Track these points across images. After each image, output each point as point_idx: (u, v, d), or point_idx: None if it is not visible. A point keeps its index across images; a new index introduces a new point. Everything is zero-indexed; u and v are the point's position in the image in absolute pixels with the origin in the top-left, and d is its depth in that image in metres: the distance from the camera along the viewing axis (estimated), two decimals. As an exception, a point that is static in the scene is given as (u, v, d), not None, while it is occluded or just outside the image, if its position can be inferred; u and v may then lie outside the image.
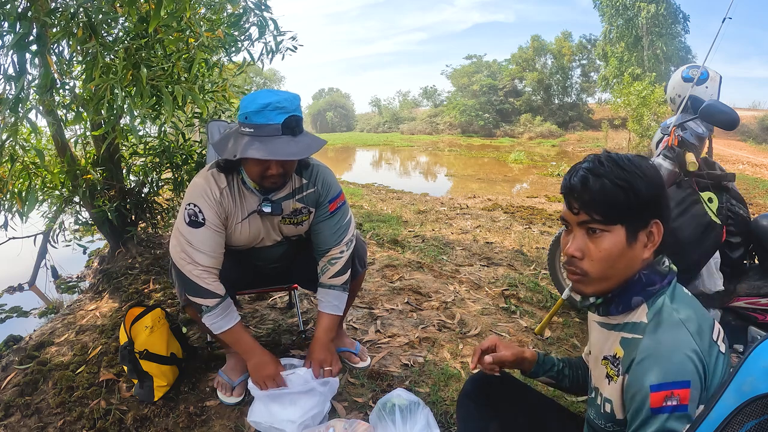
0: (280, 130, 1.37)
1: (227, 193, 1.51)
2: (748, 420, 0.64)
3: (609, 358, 0.89)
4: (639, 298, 0.86)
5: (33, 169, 2.56)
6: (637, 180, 0.84)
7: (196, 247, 1.47)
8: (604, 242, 0.86)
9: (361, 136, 34.39)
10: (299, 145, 1.39)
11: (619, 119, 21.35)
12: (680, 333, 0.79)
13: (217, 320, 1.51)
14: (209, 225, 1.48)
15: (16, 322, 2.91)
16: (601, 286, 0.89)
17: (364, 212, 5.36)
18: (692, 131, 1.77)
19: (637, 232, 0.86)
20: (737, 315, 1.73)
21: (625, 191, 0.84)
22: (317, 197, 1.64)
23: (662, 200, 0.87)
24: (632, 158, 0.87)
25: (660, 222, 0.86)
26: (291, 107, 1.38)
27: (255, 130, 1.37)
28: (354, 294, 1.90)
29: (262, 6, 2.85)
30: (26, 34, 1.73)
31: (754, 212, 1.98)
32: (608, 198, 0.85)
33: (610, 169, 0.86)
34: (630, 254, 0.86)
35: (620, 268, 0.87)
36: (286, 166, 1.45)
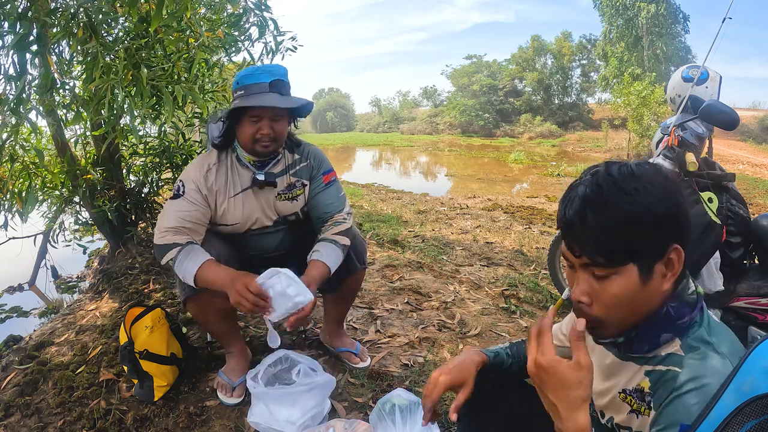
0: (267, 88, 1.48)
1: (216, 169, 1.58)
2: (748, 420, 0.64)
3: (631, 392, 0.80)
4: (668, 335, 0.76)
5: (33, 169, 2.56)
6: (649, 205, 0.70)
7: (165, 214, 1.53)
8: (613, 286, 0.73)
9: (361, 136, 34.40)
10: (285, 100, 1.51)
11: (619, 119, 21.34)
12: (724, 368, 0.70)
13: (184, 265, 1.45)
14: (186, 196, 1.54)
15: (16, 322, 2.91)
16: (620, 329, 0.78)
17: (364, 212, 5.36)
18: (692, 131, 1.77)
19: (652, 265, 0.73)
20: (737, 315, 1.73)
21: (633, 224, 0.70)
22: (310, 170, 1.71)
23: (681, 218, 0.73)
24: (639, 172, 0.72)
25: (680, 245, 0.72)
26: (278, 72, 1.51)
27: (245, 91, 1.50)
28: (354, 294, 1.90)
29: (262, 6, 2.85)
30: (26, 34, 1.73)
31: (754, 212, 1.98)
32: (612, 236, 0.71)
33: (611, 196, 0.71)
34: (647, 291, 0.74)
35: (639, 308, 0.76)
36: (276, 128, 1.53)
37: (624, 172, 0.73)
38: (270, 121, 1.52)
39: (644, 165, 0.74)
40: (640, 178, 0.72)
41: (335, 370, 1.86)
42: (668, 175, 0.76)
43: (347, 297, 1.88)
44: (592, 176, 0.75)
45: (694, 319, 0.76)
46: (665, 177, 0.74)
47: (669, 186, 0.73)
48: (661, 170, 0.75)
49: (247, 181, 1.61)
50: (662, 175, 0.74)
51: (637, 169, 0.73)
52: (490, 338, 2.21)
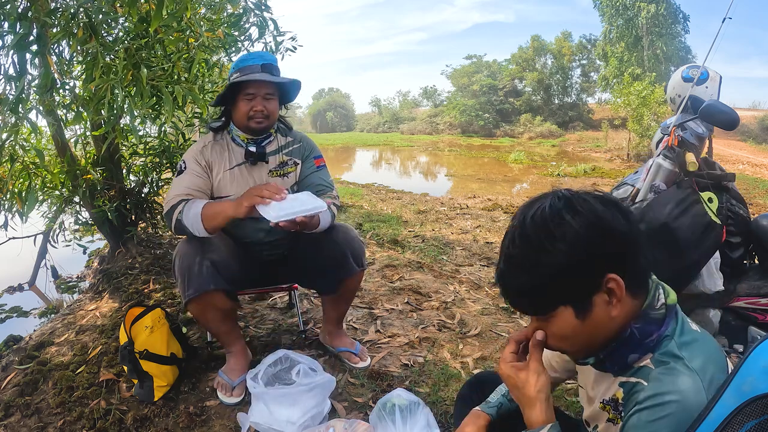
0: (260, 69, 1.66)
1: (211, 146, 1.75)
2: (748, 420, 0.64)
3: (609, 402, 0.82)
4: (636, 355, 0.76)
5: (33, 169, 2.56)
6: (560, 257, 0.71)
7: (172, 188, 1.69)
8: (553, 327, 0.77)
9: (361, 136, 34.39)
10: (276, 77, 1.68)
11: (619, 119, 21.32)
12: (690, 384, 0.70)
13: (190, 214, 1.58)
14: (188, 170, 1.70)
15: (16, 322, 2.91)
16: (585, 353, 0.80)
17: (364, 212, 5.36)
18: (692, 131, 1.76)
19: (588, 299, 0.73)
20: (737, 315, 1.72)
21: (547, 280, 0.72)
22: (303, 151, 1.85)
23: (610, 251, 0.72)
24: (555, 221, 0.72)
25: (616, 275, 0.72)
26: (269, 57, 1.72)
27: (240, 73, 1.67)
28: (352, 294, 1.91)
29: (262, 6, 2.85)
30: (26, 34, 1.73)
31: (754, 212, 1.98)
32: (529, 296, 0.76)
33: (521, 252, 0.74)
34: (594, 322, 0.75)
35: (593, 336, 0.77)
36: (268, 107, 1.69)
37: (537, 224, 0.73)
38: (263, 99, 1.68)
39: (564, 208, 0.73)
40: (553, 227, 0.72)
41: (335, 370, 1.86)
42: (596, 211, 0.73)
43: (346, 298, 1.88)
44: (517, 221, 0.76)
45: (664, 334, 0.76)
46: (588, 215, 0.72)
47: (592, 224, 0.72)
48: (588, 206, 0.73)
49: (240, 157, 1.75)
50: (584, 214, 0.72)
51: (552, 216, 0.72)
52: (490, 338, 2.21)
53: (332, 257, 1.73)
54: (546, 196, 0.77)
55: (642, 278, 0.77)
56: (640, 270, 0.76)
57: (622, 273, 0.73)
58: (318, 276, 1.80)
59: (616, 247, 0.73)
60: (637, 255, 0.75)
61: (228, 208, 1.55)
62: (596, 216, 0.72)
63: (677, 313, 0.78)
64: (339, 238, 1.74)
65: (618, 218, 0.73)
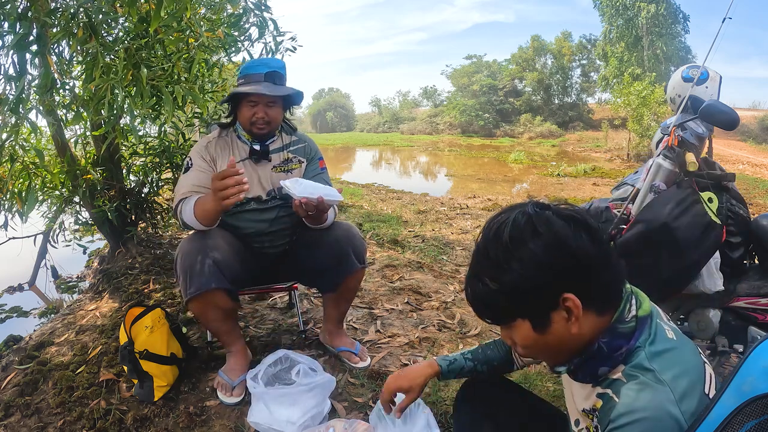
0: (263, 78, 1.70)
1: (216, 142, 1.78)
2: (748, 420, 0.64)
3: (588, 411, 0.83)
4: (605, 368, 0.77)
5: (33, 169, 2.56)
6: (512, 273, 0.73)
7: (179, 186, 1.71)
8: (515, 335, 0.80)
9: (361, 136, 34.39)
10: (278, 89, 1.72)
11: (619, 119, 21.32)
12: (661, 398, 0.70)
13: (186, 212, 1.62)
14: (195, 167, 1.72)
15: (16, 322, 2.91)
16: (553, 361, 0.83)
17: (364, 212, 5.36)
18: (692, 131, 1.76)
19: (546, 315, 0.75)
20: (737, 315, 1.72)
21: (501, 293, 0.75)
22: (308, 151, 1.89)
23: (567, 270, 0.73)
24: (515, 240, 0.73)
25: (573, 295, 0.73)
26: (275, 65, 1.74)
27: (244, 80, 1.73)
28: (353, 292, 1.91)
29: (262, 6, 2.85)
30: (26, 34, 1.73)
31: (754, 212, 1.98)
32: (486, 306, 0.79)
33: (479, 266, 0.77)
34: (555, 336, 0.76)
35: (558, 348, 0.79)
36: (270, 113, 1.73)
37: (497, 240, 0.75)
38: (265, 106, 1.72)
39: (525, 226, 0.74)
40: (512, 246, 0.73)
41: (335, 370, 1.86)
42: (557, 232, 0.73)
43: (347, 297, 1.88)
44: (477, 240, 0.80)
45: (634, 347, 0.75)
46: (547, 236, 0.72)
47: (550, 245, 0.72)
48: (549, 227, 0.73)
49: (244, 153, 1.79)
50: (543, 235, 0.73)
51: (512, 234, 0.74)
52: (489, 338, 2.20)
53: (334, 254, 1.74)
54: (513, 209, 0.78)
55: (608, 296, 0.77)
56: (604, 289, 0.76)
57: (582, 292, 0.73)
58: (319, 273, 1.80)
59: (575, 268, 0.73)
60: (600, 274, 0.75)
61: (209, 198, 1.52)
62: (556, 237, 0.73)
63: (650, 323, 0.78)
64: (341, 236, 1.76)
65: (581, 239, 0.73)
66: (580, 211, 0.78)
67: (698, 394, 0.72)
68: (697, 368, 0.76)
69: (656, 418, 0.68)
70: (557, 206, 0.78)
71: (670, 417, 0.68)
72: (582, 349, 0.78)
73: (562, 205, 0.79)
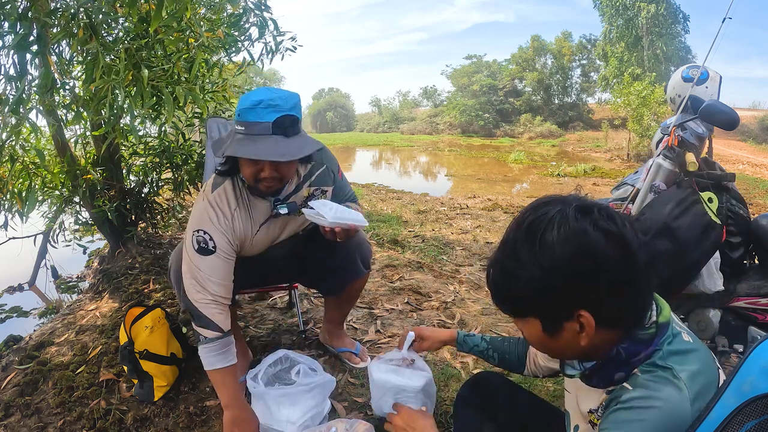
0: (270, 129, 1.28)
1: (238, 214, 1.45)
2: (748, 420, 0.64)
3: (594, 410, 0.82)
4: (621, 373, 0.75)
5: (33, 169, 2.56)
6: (533, 274, 0.71)
7: (206, 275, 1.39)
8: (525, 330, 0.80)
9: (361, 136, 34.38)
10: (289, 147, 1.29)
11: (619, 119, 21.32)
12: (676, 394, 0.69)
13: (212, 355, 1.39)
14: (219, 252, 1.41)
15: (16, 322, 2.91)
16: (558, 358, 0.85)
17: (364, 212, 5.35)
18: (692, 131, 1.77)
19: (558, 323, 0.74)
20: (737, 315, 1.72)
21: (510, 283, 0.75)
22: (330, 175, 1.60)
23: (588, 287, 0.71)
24: (544, 243, 0.70)
25: (587, 312, 0.71)
26: (285, 106, 1.29)
27: (246, 129, 1.30)
28: (356, 295, 1.90)
29: (262, 6, 2.85)
30: (27, 34, 1.73)
31: (754, 212, 1.98)
32: (501, 291, 0.78)
33: (504, 256, 0.75)
34: (563, 342, 0.76)
35: (561, 351, 0.79)
36: (281, 170, 1.36)
37: (528, 237, 0.72)
38: (273, 163, 1.33)
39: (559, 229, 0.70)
40: (539, 247, 0.71)
41: (335, 370, 1.86)
42: (589, 245, 0.69)
43: (350, 299, 1.88)
44: (510, 225, 0.78)
45: (651, 352, 0.74)
46: (577, 247, 0.69)
47: (578, 257, 0.69)
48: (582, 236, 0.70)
49: (264, 213, 1.51)
50: (574, 245, 0.69)
51: (544, 237, 0.71)
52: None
53: (341, 260, 1.70)
54: (555, 204, 0.74)
55: (627, 317, 0.74)
56: (625, 310, 0.73)
57: (599, 312, 0.71)
58: (324, 277, 1.77)
59: (597, 287, 0.70)
60: (623, 296, 0.72)
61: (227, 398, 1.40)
62: (586, 253, 0.69)
63: (669, 329, 0.76)
64: (348, 241, 1.65)
65: (612, 259, 0.69)
66: (625, 224, 0.72)
67: (710, 397, 0.71)
68: (712, 373, 0.75)
69: (668, 410, 0.68)
70: (601, 212, 0.72)
71: (681, 414, 0.68)
72: (595, 354, 0.78)
73: (608, 210, 0.73)
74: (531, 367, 1.21)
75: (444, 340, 1.29)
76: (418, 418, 1.09)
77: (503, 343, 1.24)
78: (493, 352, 1.24)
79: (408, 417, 1.10)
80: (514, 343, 1.24)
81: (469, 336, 1.28)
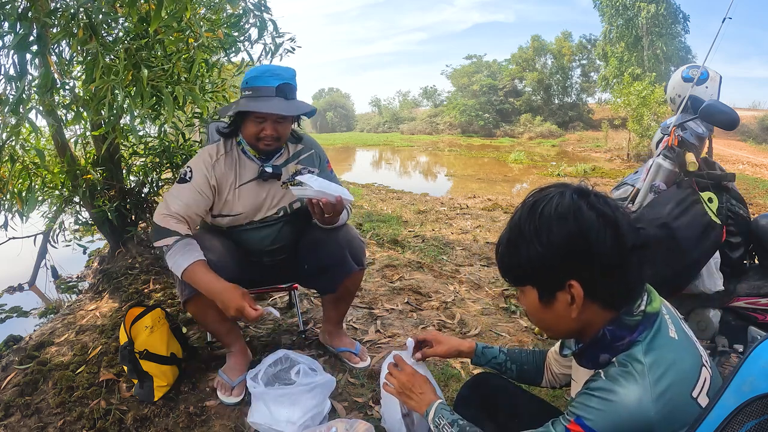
0: (274, 92, 1.53)
1: (223, 159, 1.63)
2: (748, 420, 0.64)
3: None
4: (606, 355, 0.80)
5: (33, 169, 2.56)
6: (532, 249, 0.79)
7: (173, 196, 1.57)
8: (522, 299, 0.87)
9: (361, 136, 34.39)
10: (290, 106, 1.56)
11: (619, 119, 21.31)
12: (637, 395, 0.73)
13: (177, 258, 1.48)
14: (193, 183, 1.58)
15: (16, 322, 2.91)
16: (553, 334, 0.89)
17: (364, 212, 5.36)
18: (692, 131, 1.77)
19: (552, 292, 0.81)
20: (737, 315, 1.72)
21: (513, 254, 0.82)
22: (317, 159, 1.80)
23: (577, 261, 0.77)
24: (543, 218, 0.78)
25: (578, 283, 0.77)
26: (286, 75, 1.56)
27: (252, 92, 1.55)
28: (352, 293, 1.90)
29: (262, 7, 2.85)
30: (27, 34, 1.73)
31: (754, 212, 1.98)
32: (505, 266, 0.86)
33: (509, 231, 0.84)
34: (553, 313, 0.82)
35: (554, 323, 0.84)
36: (279, 129, 1.59)
37: (532, 217, 0.80)
38: (273, 122, 1.57)
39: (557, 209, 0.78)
40: (539, 225, 0.78)
41: (335, 370, 1.86)
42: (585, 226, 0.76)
43: (346, 298, 1.88)
44: (512, 214, 0.85)
45: (635, 339, 0.78)
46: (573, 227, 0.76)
47: (574, 236, 0.76)
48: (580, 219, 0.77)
49: (252, 172, 1.66)
50: (570, 225, 0.76)
51: (544, 214, 0.78)
52: (489, 338, 2.21)
53: (331, 256, 1.72)
54: (558, 187, 0.82)
55: (617, 295, 0.80)
56: (614, 288, 0.79)
57: (589, 284, 0.78)
58: (317, 275, 1.79)
59: (588, 261, 0.77)
60: (613, 274, 0.77)
61: (208, 290, 1.47)
62: (580, 229, 0.76)
63: (656, 321, 0.80)
64: (339, 237, 1.72)
65: (603, 237, 0.76)
66: (618, 209, 0.80)
67: (682, 398, 0.74)
68: (689, 371, 0.77)
69: (626, 407, 0.72)
70: (598, 197, 0.80)
71: (641, 412, 0.72)
72: (585, 334, 0.83)
73: (605, 196, 0.81)
74: (548, 377, 1.20)
75: (462, 350, 1.25)
76: (423, 382, 1.12)
77: (521, 354, 1.23)
78: (511, 364, 1.22)
79: (413, 377, 1.13)
80: (531, 354, 1.23)
81: (488, 348, 1.25)
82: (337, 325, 1.95)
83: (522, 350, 1.24)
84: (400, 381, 1.14)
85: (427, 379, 1.15)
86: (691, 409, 0.74)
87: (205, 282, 1.48)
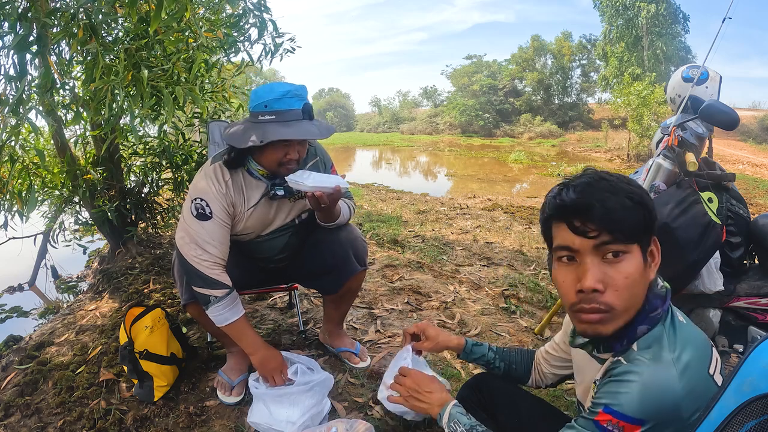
0: (300, 115, 1.46)
1: (231, 184, 1.55)
2: (748, 420, 0.64)
3: (597, 380, 0.86)
4: (644, 326, 0.79)
5: (33, 169, 2.57)
6: (645, 195, 0.79)
7: (204, 239, 1.50)
8: (627, 266, 0.76)
9: (361, 136, 34.39)
10: (319, 128, 1.50)
11: (619, 119, 21.33)
12: (663, 373, 0.73)
13: (223, 312, 1.51)
14: (216, 218, 1.51)
15: (16, 322, 2.91)
16: (622, 320, 0.79)
17: (364, 212, 5.36)
18: (692, 131, 1.77)
19: (646, 251, 0.79)
20: (737, 315, 1.72)
21: (641, 207, 0.77)
22: (322, 165, 1.74)
23: (654, 216, 0.80)
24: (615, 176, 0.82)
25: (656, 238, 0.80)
26: (304, 95, 1.50)
27: (277, 116, 1.44)
28: (354, 294, 1.90)
29: (262, 7, 2.85)
30: (27, 35, 1.73)
31: (754, 212, 1.98)
32: (628, 214, 0.76)
33: (618, 183, 0.79)
34: (645, 277, 0.79)
35: (639, 295, 0.79)
36: (301, 152, 1.55)
37: (610, 179, 0.80)
38: (298, 145, 1.51)
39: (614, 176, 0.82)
40: (625, 179, 0.80)
41: (335, 370, 1.86)
42: None
43: (348, 298, 1.88)
44: (587, 172, 0.82)
45: (663, 314, 0.81)
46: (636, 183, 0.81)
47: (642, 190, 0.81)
48: None
49: (259, 192, 1.59)
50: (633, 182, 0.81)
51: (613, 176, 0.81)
52: (490, 338, 2.21)
53: (335, 256, 1.72)
54: None
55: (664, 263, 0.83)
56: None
57: None
58: (320, 276, 1.78)
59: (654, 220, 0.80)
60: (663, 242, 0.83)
61: (248, 345, 1.56)
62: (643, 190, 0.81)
63: (669, 303, 0.84)
64: (342, 238, 1.72)
65: None
66: None
67: (701, 373, 0.75)
68: (703, 348, 0.79)
69: (654, 385, 0.73)
70: None
71: (669, 387, 0.72)
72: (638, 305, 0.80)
73: None
74: (536, 377, 1.22)
75: (450, 347, 1.27)
76: (429, 381, 1.11)
77: (510, 353, 1.24)
78: (499, 362, 1.23)
79: (419, 378, 1.12)
80: (520, 353, 1.24)
81: (477, 345, 1.25)
82: (338, 325, 1.95)
83: (512, 349, 1.26)
84: (405, 385, 1.12)
85: (434, 378, 1.15)
86: (709, 385, 0.75)
87: (249, 338, 1.56)
